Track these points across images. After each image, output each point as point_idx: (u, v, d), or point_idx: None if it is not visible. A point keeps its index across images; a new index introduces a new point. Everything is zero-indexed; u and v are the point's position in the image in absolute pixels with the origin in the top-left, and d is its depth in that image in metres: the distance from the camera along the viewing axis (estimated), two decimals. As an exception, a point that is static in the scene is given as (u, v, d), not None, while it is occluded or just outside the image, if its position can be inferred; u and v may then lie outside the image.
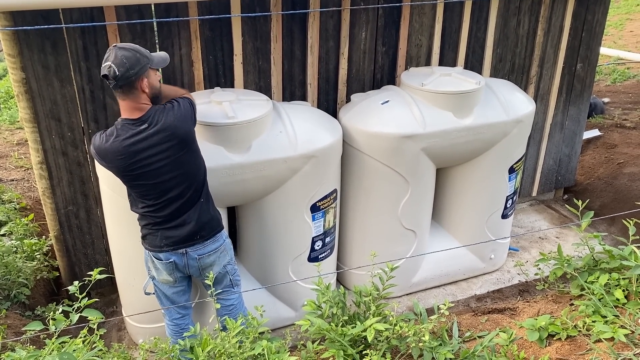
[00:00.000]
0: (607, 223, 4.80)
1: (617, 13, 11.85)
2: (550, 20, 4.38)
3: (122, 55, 2.36)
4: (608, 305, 2.66)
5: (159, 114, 2.47)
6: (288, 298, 3.55)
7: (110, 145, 2.44)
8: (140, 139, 2.44)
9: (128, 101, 2.44)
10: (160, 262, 2.69)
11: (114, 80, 2.36)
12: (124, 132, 2.44)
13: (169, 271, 2.70)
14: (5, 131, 6.16)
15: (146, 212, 2.61)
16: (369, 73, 3.91)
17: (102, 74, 2.39)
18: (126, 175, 2.52)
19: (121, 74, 2.35)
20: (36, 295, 3.57)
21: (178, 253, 2.66)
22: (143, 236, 2.70)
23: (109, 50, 2.40)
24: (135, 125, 2.44)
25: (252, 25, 3.44)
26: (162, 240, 2.63)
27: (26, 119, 3.18)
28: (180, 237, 2.63)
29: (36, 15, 2.91)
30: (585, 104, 4.92)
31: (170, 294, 2.82)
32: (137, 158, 2.45)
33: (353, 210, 3.72)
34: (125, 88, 2.40)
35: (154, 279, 2.79)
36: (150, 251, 2.69)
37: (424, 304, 3.85)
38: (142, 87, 2.44)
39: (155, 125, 2.45)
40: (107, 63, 2.36)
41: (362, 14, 3.70)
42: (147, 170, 2.48)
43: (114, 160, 2.46)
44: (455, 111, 3.50)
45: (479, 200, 3.93)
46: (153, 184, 2.52)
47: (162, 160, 2.48)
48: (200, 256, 2.69)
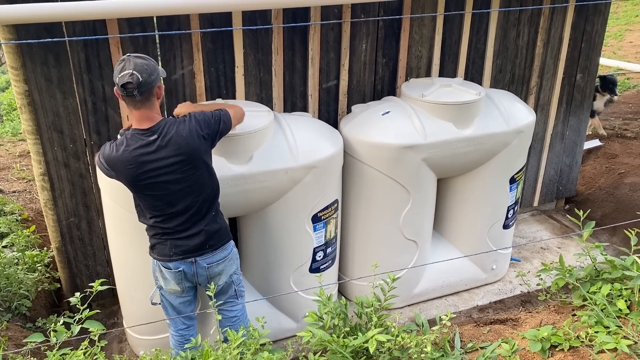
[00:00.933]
0: (608, 233, 4.79)
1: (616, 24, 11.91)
2: (550, 32, 4.41)
3: (141, 62, 2.37)
4: (610, 316, 2.65)
5: (169, 126, 2.47)
6: (289, 309, 3.54)
7: (120, 155, 2.45)
8: (149, 150, 2.44)
9: (143, 110, 2.44)
10: (169, 272, 2.69)
11: (137, 87, 2.35)
12: (133, 142, 2.45)
13: (177, 280, 2.70)
14: (8, 143, 6.18)
15: (155, 222, 2.62)
16: (369, 84, 3.93)
17: (124, 82, 2.34)
18: (135, 185, 2.52)
19: (144, 79, 2.35)
20: (37, 307, 3.56)
21: (187, 262, 2.66)
22: (152, 246, 2.71)
23: (123, 60, 2.39)
24: (145, 136, 2.45)
25: (253, 38, 3.46)
26: (171, 250, 2.63)
27: (29, 131, 3.20)
28: (189, 247, 2.64)
29: (39, 28, 2.94)
30: (585, 114, 4.93)
31: (177, 304, 2.82)
32: (146, 169, 2.46)
33: (354, 220, 3.73)
34: (145, 95, 2.40)
35: (161, 288, 2.79)
36: (159, 261, 2.69)
37: (426, 315, 3.84)
38: (158, 94, 2.47)
39: (164, 138, 2.45)
40: (128, 71, 2.34)
41: (363, 26, 3.73)
42: (154, 181, 2.49)
43: (124, 170, 2.47)
44: (456, 122, 3.52)
45: (480, 211, 3.93)
46: (160, 195, 2.53)
47: (169, 173, 2.49)
48: (210, 265, 2.69)
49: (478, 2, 4.01)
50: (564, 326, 2.67)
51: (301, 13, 3.51)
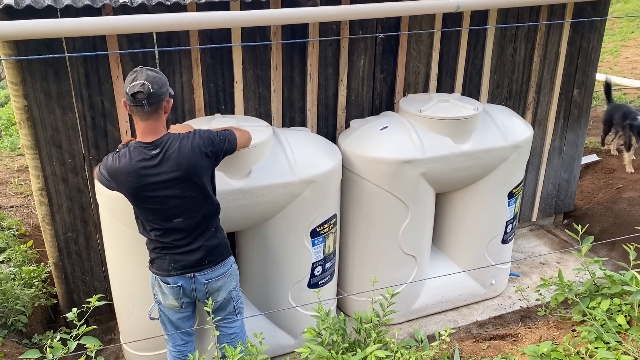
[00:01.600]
0: (607, 248, 4.79)
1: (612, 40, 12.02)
2: (546, 47, 4.45)
3: (153, 75, 2.40)
4: (610, 331, 2.64)
5: (173, 141, 2.48)
6: (287, 325, 3.51)
7: (122, 166, 2.46)
8: (151, 164, 2.45)
9: (150, 121, 2.44)
10: (167, 287, 2.67)
11: (147, 97, 2.36)
12: (135, 155, 2.46)
13: (175, 295, 2.69)
14: (6, 158, 6.18)
15: (154, 236, 2.62)
16: (367, 99, 3.95)
17: (135, 91, 2.35)
18: (135, 197, 2.53)
19: (155, 90, 2.37)
20: (33, 322, 3.53)
21: (186, 277, 2.65)
22: (151, 260, 2.70)
23: (135, 71, 2.41)
24: (148, 150, 2.46)
25: (252, 54, 3.49)
26: (170, 264, 2.63)
27: (27, 146, 3.20)
28: (188, 262, 2.63)
29: (39, 44, 2.96)
30: (582, 129, 4.96)
31: (175, 320, 2.80)
32: (146, 182, 2.46)
33: (353, 235, 3.72)
34: (154, 106, 2.41)
35: (159, 303, 2.78)
36: (158, 275, 2.68)
37: (425, 331, 3.82)
38: (166, 108, 2.48)
39: (166, 152, 2.46)
40: (139, 81, 2.36)
41: (361, 42, 3.76)
42: (154, 195, 2.49)
43: (125, 181, 2.48)
44: (454, 137, 3.53)
45: (479, 225, 3.93)
46: (159, 209, 2.53)
47: (169, 188, 2.49)
48: (208, 280, 2.68)
49: (475, 19, 4.05)
50: (564, 342, 2.65)
51: (300, 29, 3.54)
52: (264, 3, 3.19)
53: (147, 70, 2.42)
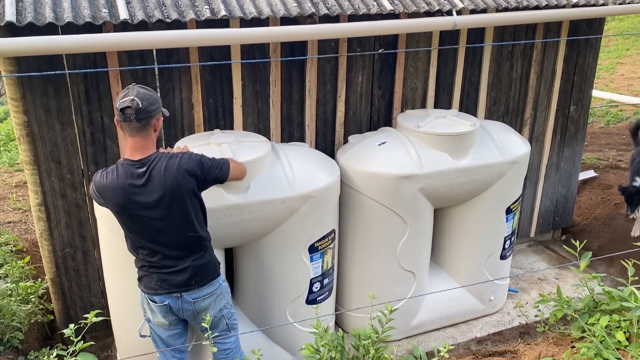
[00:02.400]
0: (605, 264, 4.78)
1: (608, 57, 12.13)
2: (543, 64, 4.49)
3: (144, 92, 2.43)
4: (610, 348, 2.63)
5: (159, 160, 2.47)
6: (286, 341, 3.49)
7: (109, 183, 2.47)
8: (136, 184, 2.45)
9: (139, 138, 2.45)
10: (155, 305, 2.66)
11: (136, 113, 2.38)
12: (122, 172, 2.47)
13: (163, 314, 2.68)
14: (5, 173, 6.18)
15: (141, 254, 2.61)
16: (365, 115, 3.98)
17: (123, 107, 2.38)
18: (120, 214, 2.53)
19: (144, 107, 2.39)
20: (30, 339, 3.51)
21: (173, 296, 2.64)
22: (139, 278, 2.69)
23: (127, 88, 2.45)
24: (135, 167, 2.46)
25: (251, 70, 3.52)
26: (157, 283, 2.62)
27: (26, 161, 3.21)
28: (175, 282, 2.61)
29: (40, 60, 2.98)
30: (580, 145, 4.99)
31: (166, 337, 2.78)
32: (132, 200, 2.46)
33: (351, 251, 3.71)
34: (142, 122, 2.42)
35: (149, 321, 2.76)
36: (145, 293, 2.67)
37: (424, 348, 3.79)
38: (156, 126, 2.49)
39: (151, 171, 2.45)
40: (130, 97, 2.39)
41: (359, 59, 3.79)
42: (139, 214, 2.49)
43: (111, 197, 2.48)
44: (452, 152, 3.55)
45: (477, 241, 3.93)
46: (143, 229, 2.53)
47: (153, 208, 2.48)
48: (195, 300, 2.66)
49: (472, 36, 4.09)
50: (563, 358, 2.64)
51: (299, 47, 3.57)
52: (264, 21, 3.22)
53: (139, 87, 2.45)
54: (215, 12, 3.03)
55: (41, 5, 2.80)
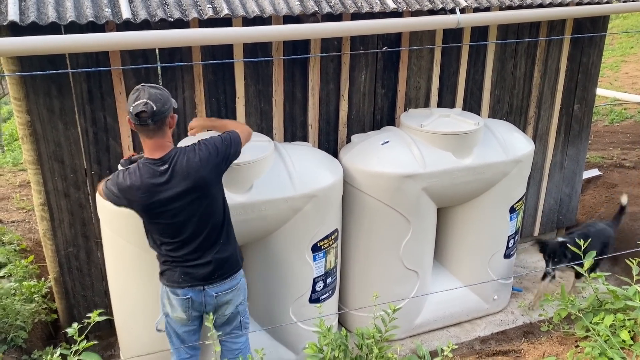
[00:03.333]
0: (610, 263, 4.76)
1: (612, 55, 12.09)
2: (547, 63, 4.47)
3: (155, 92, 2.41)
4: (614, 347, 2.62)
5: (180, 156, 2.50)
6: (289, 340, 3.49)
7: (132, 184, 2.47)
8: (160, 181, 2.47)
9: (156, 139, 2.46)
10: (176, 298, 2.67)
11: (151, 116, 2.37)
12: (145, 172, 2.48)
13: (184, 308, 2.68)
14: (8, 173, 6.20)
15: (165, 250, 2.62)
16: (368, 114, 3.97)
17: (138, 111, 2.36)
18: (146, 213, 2.54)
19: (158, 109, 2.38)
20: (33, 338, 3.51)
21: (195, 290, 2.65)
22: (161, 272, 2.70)
23: (137, 90, 2.42)
24: (157, 166, 2.48)
25: (254, 69, 3.51)
26: (180, 276, 2.63)
27: (30, 161, 3.21)
28: (199, 275, 2.63)
29: (43, 60, 2.98)
30: (584, 144, 4.97)
31: (182, 333, 2.79)
32: (156, 198, 2.48)
33: (354, 250, 3.71)
34: (158, 124, 2.42)
35: (167, 315, 2.77)
36: (167, 287, 2.68)
37: (428, 347, 3.78)
38: (171, 123, 2.50)
39: (174, 167, 2.48)
40: (142, 100, 2.36)
41: (362, 57, 3.78)
42: (164, 209, 2.51)
43: (136, 198, 2.49)
44: (455, 151, 3.54)
45: (481, 240, 3.92)
46: (169, 223, 2.54)
47: (178, 202, 2.50)
48: (218, 294, 2.69)
49: (475, 35, 4.08)
50: (568, 358, 2.63)
51: (301, 45, 3.56)
52: (266, 19, 3.22)
53: (149, 87, 2.42)
54: (218, 11, 3.03)
55: (44, 4, 2.80)
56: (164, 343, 3.01)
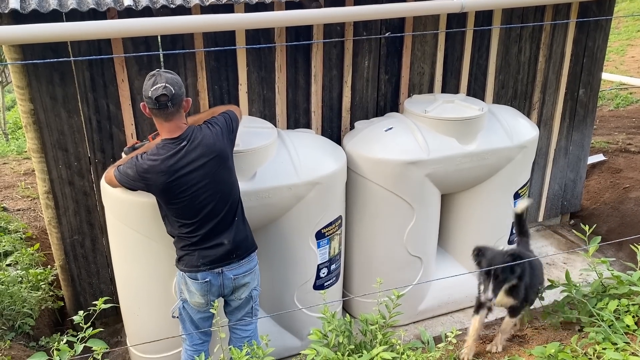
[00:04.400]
0: (614, 248, 4.76)
1: (618, 39, 11.97)
2: (551, 47, 4.43)
3: (171, 77, 2.49)
4: (618, 332, 2.62)
5: (197, 132, 2.57)
6: (293, 327, 3.51)
7: (153, 165, 2.51)
8: (181, 156, 2.51)
9: (174, 121, 2.52)
10: (195, 283, 2.69)
11: (171, 99, 2.44)
12: (165, 151, 2.51)
13: (203, 292, 2.71)
14: (13, 161, 6.22)
15: (183, 233, 2.65)
16: (372, 101, 3.95)
17: (158, 95, 2.42)
18: (166, 193, 2.56)
19: (176, 92, 2.46)
20: (40, 325, 3.55)
21: (214, 272, 2.68)
22: (179, 258, 2.72)
23: (153, 75, 2.48)
24: (176, 144, 2.52)
25: (256, 56, 3.49)
26: (199, 260, 2.66)
27: (34, 149, 3.21)
28: (217, 256, 2.67)
29: (45, 48, 2.97)
30: (589, 129, 4.94)
31: (197, 319, 2.82)
32: (178, 175, 2.52)
33: (358, 237, 3.71)
34: (176, 107, 2.50)
35: (185, 302, 2.79)
36: (186, 272, 2.70)
37: (432, 332, 3.80)
38: (186, 106, 2.57)
39: (193, 141, 2.53)
40: (161, 84, 2.43)
41: (365, 43, 3.76)
42: (185, 187, 2.54)
43: (157, 179, 2.51)
44: (459, 137, 3.52)
45: (485, 226, 3.91)
46: (189, 201, 2.57)
47: (200, 176, 2.55)
48: (236, 276, 2.72)
49: (479, 19, 4.04)
50: (571, 343, 2.63)
51: (304, 31, 3.54)
52: (268, 5, 3.19)
53: (164, 72, 2.49)
54: (220, -3, 3.00)
55: (45, -8, 2.78)
56: (170, 329, 3.03)
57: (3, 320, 3.31)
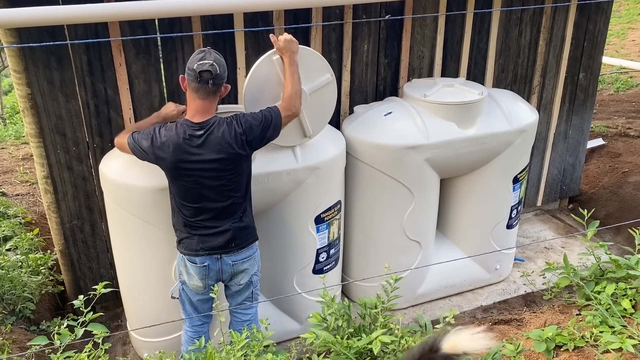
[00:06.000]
0: (612, 232, 4.78)
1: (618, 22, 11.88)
2: (552, 31, 4.40)
3: (219, 58, 2.51)
4: (615, 316, 2.64)
5: (217, 126, 2.53)
6: (293, 310, 3.53)
7: (169, 138, 2.51)
8: (193, 144, 2.51)
9: (206, 101, 2.51)
10: (194, 266, 2.70)
11: (213, 78, 2.45)
12: (181, 131, 2.51)
13: (201, 276, 2.72)
14: (11, 146, 6.19)
15: (184, 214, 2.65)
16: (371, 85, 3.93)
17: (203, 69, 2.43)
18: (172, 170, 2.56)
19: (220, 73, 2.48)
20: (41, 309, 3.57)
21: (213, 257, 2.69)
22: (179, 240, 2.73)
23: (203, 51, 2.49)
24: (193, 129, 2.51)
25: (255, 39, 3.46)
26: (198, 244, 2.67)
27: (31, 134, 3.20)
28: (215, 244, 2.67)
29: (41, 32, 2.95)
30: (588, 113, 4.92)
31: (196, 301, 2.84)
32: (185, 158, 2.51)
33: (357, 221, 3.72)
34: (214, 88, 2.49)
35: (184, 283, 2.81)
36: (185, 255, 2.71)
37: (430, 316, 3.83)
38: (224, 91, 2.57)
39: (208, 135, 2.51)
40: (208, 61, 2.44)
41: (365, 26, 3.73)
42: (189, 172, 2.54)
43: (168, 152, 2.51)
44: (459, 122, 3.51)
45: (484, 211, 3.92)
46: (191, 188, 2.58)
47: (205, 171, 2.54)
48: (235, 262, 2.73)
49: (480, 2, 4.00)
50: (569, 326, 2.66)
51: (303, 14, 3.51)
52: (267, -12, 3.16)
53: (214, 52, 2.50)
54: (218, -21, 2.97)
55: (40, -26, 2.75)
56: (170, 313, 3.05)
57: (4, 305, 3.33)
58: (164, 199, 2.80)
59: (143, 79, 3.28)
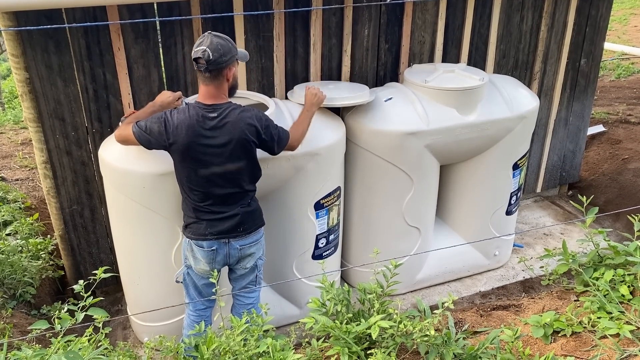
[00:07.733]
0: (611, 219, 4.78)
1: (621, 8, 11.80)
2: (554, 16, 4.36)
3: (217, 42, 2.45)
4: (613, 302, 2.65)
5: (232, 110, 2.54)
6: (292, 296, 3.55)
7: (181, 121, 2.51)
8: (206, 126, 2.51)
9: (211, 87, 2.51)
10: (201, 250, 2.71)
11: (206, 64, 2.43)
12: (194, 113, 2.51)
13: (208, 260, 2.73)
14: (10, 131, 6.18)
15: (192, 198, 2.65)
16: (372, 70, 3.91)
17: (195, 57, 2.44)
18: (184, 153, 2.55)
19: (214, 59, 2.43)
20: (42, 294, 3.58)
21: (221, 242, 2.71)
22: (186, 225, 2.73)
23: (203, 36, 2.48)
24: (207, 111, 2.52)
25: (254, 24, 3.44)
26: (206, 229, 2.68)
27: (30, 119, 3.19)
28: (224, 228, 2.68)
29: (39, 15, 2.92)
30: (589, 100, 4.90)
31: (201, 285, 2.85)
32: (197, 141, 2.51)
33: (357, 207, 3.72)
34: (213, 73, 2.48)
35: (190, 268, 2.82)
36: (192, 239, 2.72)
37: (428, 301, 3.85)
38: (228, 75, 2.53)
39: (222, 119, 2.51)
40: (202, 47, 2.42)
41: (365, 11, 3.69)
42: (201, 157, 2.54)
43: (179, 136, 2.51)
44: (459, 108, 3.50)
45: (483, 197, 3.92)
46: (202, 170, 2.57)
47: (217, 155, 2.54)
48: (242, 246, 2.75)
49: (481, -13, 3.96)
50: (567, 312, 2.67)
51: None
52: (266, -29, 3.13)
53: (214, 36, 2.47)
54: (217, -38, 2.94)
55: (37, -43, 2.71)
56: (170, 298, 3.07)
57: (4, 289, 3.34)
58: (163, 184, 2.80)
59: (142, 64, 3.26)
